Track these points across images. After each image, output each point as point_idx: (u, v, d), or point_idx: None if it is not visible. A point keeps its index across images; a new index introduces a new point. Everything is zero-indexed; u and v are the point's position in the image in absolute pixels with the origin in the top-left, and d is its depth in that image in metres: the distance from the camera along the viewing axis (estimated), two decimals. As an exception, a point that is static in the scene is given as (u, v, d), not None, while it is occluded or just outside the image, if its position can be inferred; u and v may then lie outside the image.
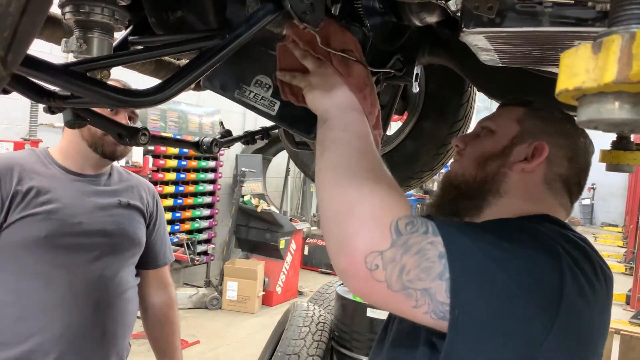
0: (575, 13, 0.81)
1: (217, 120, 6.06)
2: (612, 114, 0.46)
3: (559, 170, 1.01)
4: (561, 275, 0.80)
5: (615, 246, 12.78)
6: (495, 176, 1.02)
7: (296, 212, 9.08)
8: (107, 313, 1.63)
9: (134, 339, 1.94)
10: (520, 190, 1.01)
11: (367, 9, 1.05)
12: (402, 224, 0.78)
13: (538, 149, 1.00)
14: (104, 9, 0.86)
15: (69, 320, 1.54)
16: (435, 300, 0.76)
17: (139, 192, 1.80)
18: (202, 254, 6.41)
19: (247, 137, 1.65)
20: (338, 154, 0.88)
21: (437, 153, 1.72)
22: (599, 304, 0.87)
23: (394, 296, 0.77)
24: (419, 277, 0.76)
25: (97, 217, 1.62)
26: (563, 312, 0.79)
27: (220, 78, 1.10)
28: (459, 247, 0.79)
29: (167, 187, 5.99)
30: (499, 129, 1.07)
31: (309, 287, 7.26)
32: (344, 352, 3.37)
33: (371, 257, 0.76)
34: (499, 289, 0.77)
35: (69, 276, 1.55)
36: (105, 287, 1.63)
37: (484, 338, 0.77)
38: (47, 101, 0.87)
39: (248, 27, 0.84)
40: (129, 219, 1.72)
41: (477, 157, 1.05)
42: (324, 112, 0.95)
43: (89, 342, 1.59)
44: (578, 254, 0.86)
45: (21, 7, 0.42)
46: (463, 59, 1.30)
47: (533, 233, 0.87)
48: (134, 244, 1.72)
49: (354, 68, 0.99)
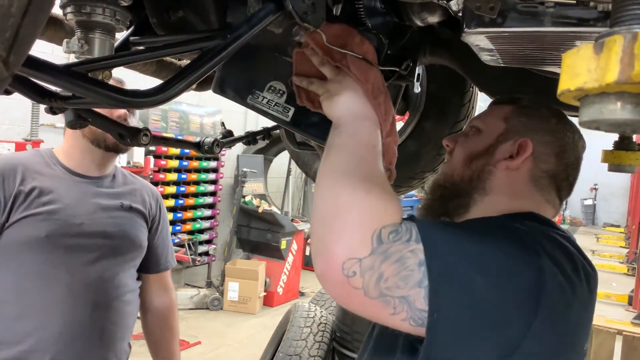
0: (577, 13, 0.81)
1: (219, 120, 6.07)
2: (614, 115, 0.46)
3: (545, 166, 1.01)
4: (540, 274, 0.81)
5: (618, 247, 12.75)
6: (481, 174, 1.03)
7: (297, 213, 9.08)
8: (106, 314, 1.63)
9: (135, 340, 1.94)
10: (506, 187, 1.01)
11: (369, 9, 1.05)
12: (386, 233, 0.78)
13: (522, 146, 1.01)
14: (105, 9, 0.86)
15: (67, 320, 1.54)
16: (414, 308, 0.77)
17: (142, 196, 1.80)
18: (203, 255, 6.41)
19: (249, 137, 1.65)
20: (339, 159, 0.89)
21: (439, 153, 1.72)
22: (580, 302, 0.87)
23: (371, 303, 0.78)
24: (397, 284, 0.77)
25: (99, 218, 1.62)
26: (541, 311, 0.79)
27: (232, 84, 1.10)
28: (437, 252, 0.79)
29: (168, 187, 5.99)
30: (485, 128, 1.08)
31: (310, 288, 7.25)
32: (345, 353, 3.36)
33: (349, 263, 0.77)
34: (476, 291, 0.78)
35: (68, 276, 1.55)
36: (105, 288, 1.63)
37: (462, 339, 0.78)
38: (49, 102, 0.87)
39: (249, 27, 0.84)
40: (130, 221, 1.72)
41: (464, 156, 1.07)
42: (338, 119, 0.96)
43: (87, 342, 1.59)
44: (559, 253, 0.86)
45: (23, 7, 0.42)
46: (464, 59, 1.30)
47: (513, 232, 0.88)
48: (134, 247, 1.72)
49: (370, 74, 0.99)
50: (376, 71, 1.01)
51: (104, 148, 1.64)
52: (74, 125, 1.14)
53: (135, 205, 1.75)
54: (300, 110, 1.08)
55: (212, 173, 6.70)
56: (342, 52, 0.98)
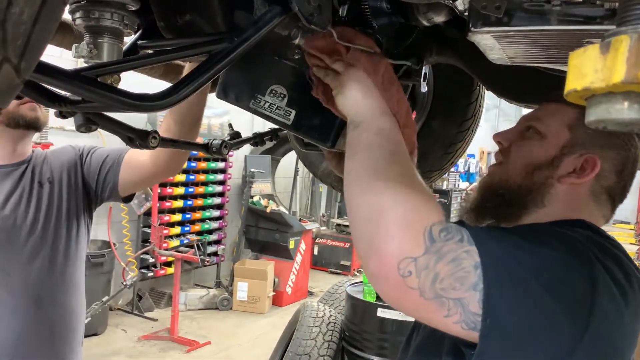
0: (583, 11, 0.80)
1: (226, 121, 6.07)
2: (621, 114, 0.46)
3: (606, 183, 0.97)
4: (593, 283, 0.79)
5: (628, 244, 12.64)
6: (542, 187, 0.98)
7: (305, 213, 9.08)
8: (53, 310, 1.56)
9: (144, 340, 1.92)
10: (564, 202, 0.97)
11: (375, 9, 1.05)
12: (436, 231, 0.77)
13: (590, 162, 0.95)
14: (113, 14, 0.87)
15: (9, 323, 1.49)
16: (467, 311, 0.75)
17: (59, 160, 1.67)
18: (212, 255, 6.43)
19: (256, 138, 1.65)
20: (371, 158, 0.87)
21: (446, 152, 1.71)
22: (631, 312, 0.85)
23: (426, 304, 0.76)
24: (453, 286, 0.75)
25: (17, 205, 1.55)
26: (594, 320, 0.78)
27: (235, 89, 1.10)
28: (492, 256, 0.77)
29: (177, 188, 6.01)
30: (548, 134, 1.00)
31: (319, 287, 7.26)
32: (354, 352, 3.36)
33: (404, 263, 0.75)
34: (531, 298, 0.76)
35: (3, 276, 1.50)
36: (46, 282, 1.55)
37: (515, 347, 0.77)
38: (59, 106, 0.88)
39: (256, 30, 0.84)
40: (53, 197, 1.60)
41: (525, 164, 1.00)
42: (355, 115, 0.93)
43: (36, 343, 1.53)
44: (610, 261, 0.84)
45: (34, 15, 0.43)
46: (471, 57, 1.30)
47: (565, 239, 0.86)
48: (63, 224, 1.61)
49: (381, 66, 0.99)
50: (387, 62, 1.01)
51: (24, 126, 1.54)
52: (83, 128, 1.15)
53: (53, 175, 1.63)
54: (302, 113, 1.08)
55: (220, 174, 6.72)
56: (350, 48, 0.98)
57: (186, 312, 5.88)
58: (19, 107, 1.54)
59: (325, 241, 8.35)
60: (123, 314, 5.63)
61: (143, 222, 5.82)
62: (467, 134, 1.71)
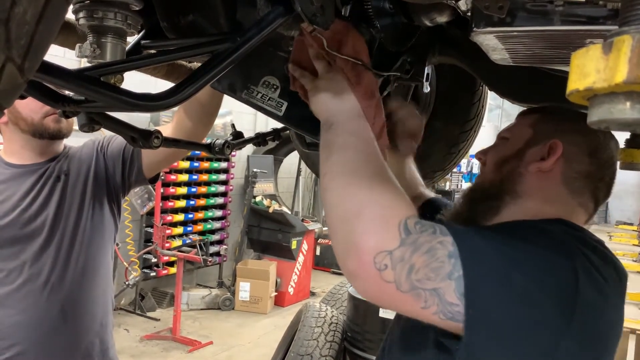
0: (586, 11, 0.80)
1: (229, 121, 6.09)
2: (623, 114, 0.46)
3: (578, 167, 0.99)
4: (576, 272, 0.80)
5: (630, 245, 12.61)
6: (511, 176, 1.02)
7: (308, 213, 9.08)
8: (66, 296, 1.60)
9: (146, 339, 1.93)
10: (537, 191, 1.00)
11: (377, 9, 1.05)
12: (412, 223, 0.78)
13: (552, 147, 0.99)
14: (117, 14, 0.87)
15: (24, 308, 1.55)
16: (444, 301, 0.76)
17: (80, 154, 1.71)
18: (214, 255, 6.43)
19: (259, 138, 1.66)
20: (346, 158, 0.88)
21: (449, 152, 1.72)
22: (614, 301, 0.87)
23: (403, 297, 0.77)
24: (428, 276, 0.76)
25: (37, 201, 1.60)
26: (579, 309, 0.79)
27: (228, 78, 1.11)
28: (471, 246, 0.78)
29: (179, 188, 6.02)
30: (513, 136, 1.08)
31: (321, 288, 7.26)
32: (356, 353, 3.36)
33: (380, 256, 0.76)
34: (514, 288, 0.77)
35: (19, 264, 1.56)
36: (60, 270, 1.60)
37: (502, 338, 0.77)
38: (62, 106, 0.88)
39: (259, 30, 0.85)
40: (64, 190, 1.65)
41: (495, 162, 1.07)
42: (329, 117, 0.95)
43: (50, 329, 1.58)
44: (591, 253, 0.86)
45: (37, 15, 0.43)
46: (474, 58, 1.30)
47: (546, 232, 0.87)
48: (85, 215, 1.66)
49: (364, 76, 0.99)
50: (370, 75, 1.01)
51: (48, 137, 1.62)
52: (86, 128, 1.15)
53: (70, 168, 1.67)
54: (293, 105, 1.08)
55: (222, 174, 6.72)
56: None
57: (188, 312, 5.88)
58: (43, 120, 1.59)
59: (327, 241, 8.34)
60: (125, 314, 5.64)
61: (146, 222, 5.83)
62: (470, 134, 1.72)
